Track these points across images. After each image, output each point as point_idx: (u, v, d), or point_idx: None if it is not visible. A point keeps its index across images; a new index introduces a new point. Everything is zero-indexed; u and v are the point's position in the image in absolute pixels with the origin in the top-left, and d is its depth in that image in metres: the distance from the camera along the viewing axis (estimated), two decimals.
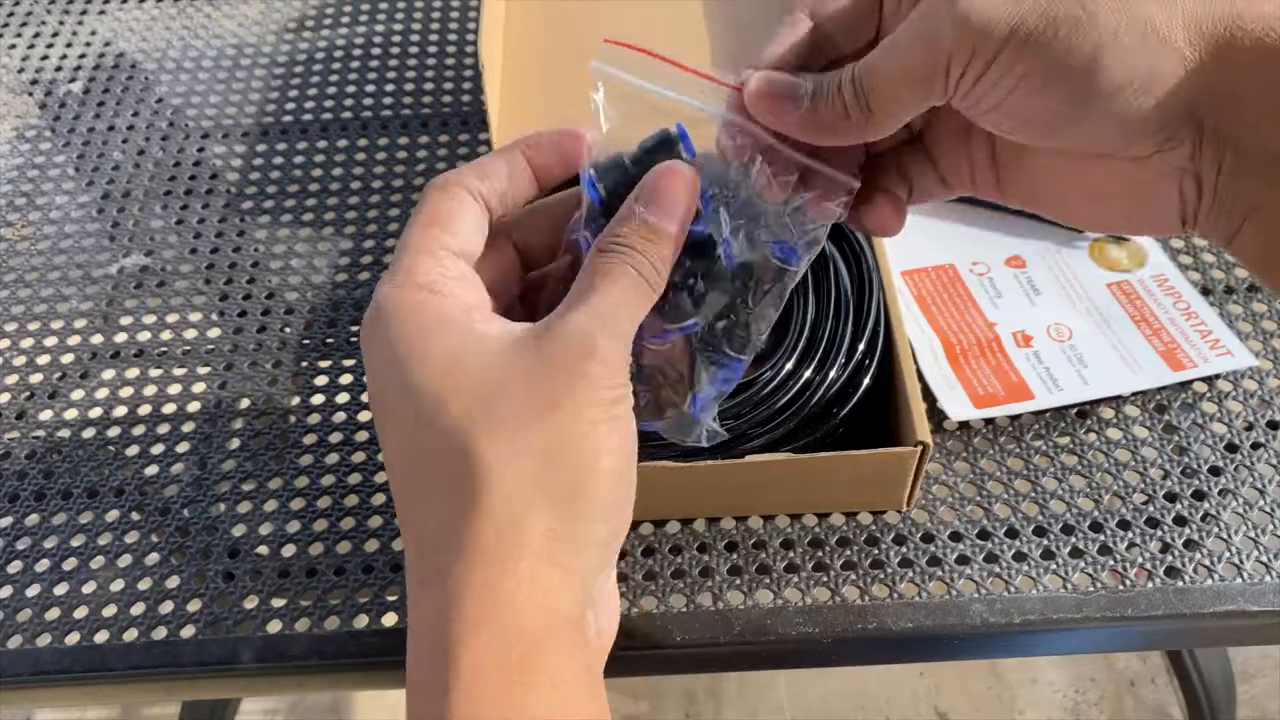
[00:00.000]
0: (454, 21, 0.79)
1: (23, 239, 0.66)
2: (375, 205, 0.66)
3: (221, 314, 0.61)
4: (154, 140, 0.71)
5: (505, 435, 0.28)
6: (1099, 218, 0.34)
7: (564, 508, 0.28)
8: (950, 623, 0.47)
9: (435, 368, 0.29)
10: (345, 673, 0.48)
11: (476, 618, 0.27)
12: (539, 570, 0.28)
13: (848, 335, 0.50)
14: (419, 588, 0.29)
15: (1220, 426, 0.53)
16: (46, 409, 0.57)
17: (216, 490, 0.53)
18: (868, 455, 0.46)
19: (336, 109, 0.73)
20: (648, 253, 0.31)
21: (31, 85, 0.76)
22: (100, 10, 0.82)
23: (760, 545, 0.50)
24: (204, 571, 0.50)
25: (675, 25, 0.71)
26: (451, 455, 0.28)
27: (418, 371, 0.29)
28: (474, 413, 0.28)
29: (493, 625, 0.27)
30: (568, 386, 0.29)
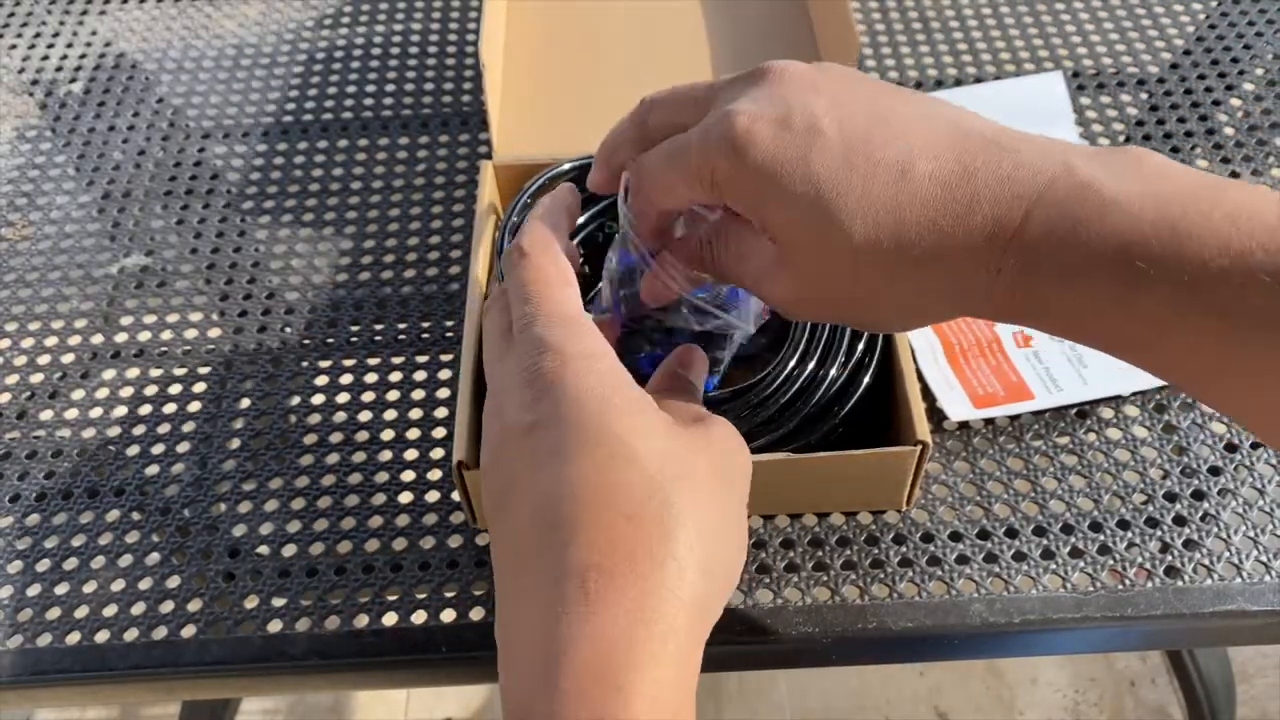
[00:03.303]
0: (454, 21, 0.79)
1: (23, 239, 0.66)
2: (375, 205, 0.66)
3: (221, 314, 0.61)
4: (154, 140, 0.71)
5: (694, 496, 0.31)
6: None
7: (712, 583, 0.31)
8: (950, 622, 0.47)
9: (626, 424, 0.31)
10: (345, 673, 0.48)
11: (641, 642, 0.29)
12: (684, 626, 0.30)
13: (847, 334, 0.50)
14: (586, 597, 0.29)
15: (1220, 426, 0.53)
16: (47, 409, 0.57)
17: (216, 490, 0.53)
18: (868, 455, 0.46)
19: (336, 109, 0.73)
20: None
21: (31, 85, 0.76)
22: (100, 10, 0.82)
23: (760, 545, 0.50)
24: (204, 571, 0.50)
25: (675, 25, 0.71)
26: (648, 493, 0.30)
27: (612, 421, 0.31)
28: (667, 467, 0.31)
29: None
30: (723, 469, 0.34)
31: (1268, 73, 0.72)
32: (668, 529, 0.30)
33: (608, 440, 0.30)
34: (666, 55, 0.69)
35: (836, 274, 0.33)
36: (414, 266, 0.63)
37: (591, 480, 0.30)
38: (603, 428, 0.31)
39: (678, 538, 0.30)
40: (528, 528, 0.30)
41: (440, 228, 0.65)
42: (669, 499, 0.30)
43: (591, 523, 0.29)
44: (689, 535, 0.30)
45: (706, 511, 0.31)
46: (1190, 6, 0.77)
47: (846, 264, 0.32)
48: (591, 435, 0.31)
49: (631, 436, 0.31)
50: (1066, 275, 0.30)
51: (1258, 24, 0.75)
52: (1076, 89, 0.71)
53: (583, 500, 0.30)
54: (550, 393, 0.31)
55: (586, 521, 0.29)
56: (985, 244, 0.30)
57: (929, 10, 0.78)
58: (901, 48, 0.75)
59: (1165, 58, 0.74)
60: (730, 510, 0.33)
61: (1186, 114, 0.69)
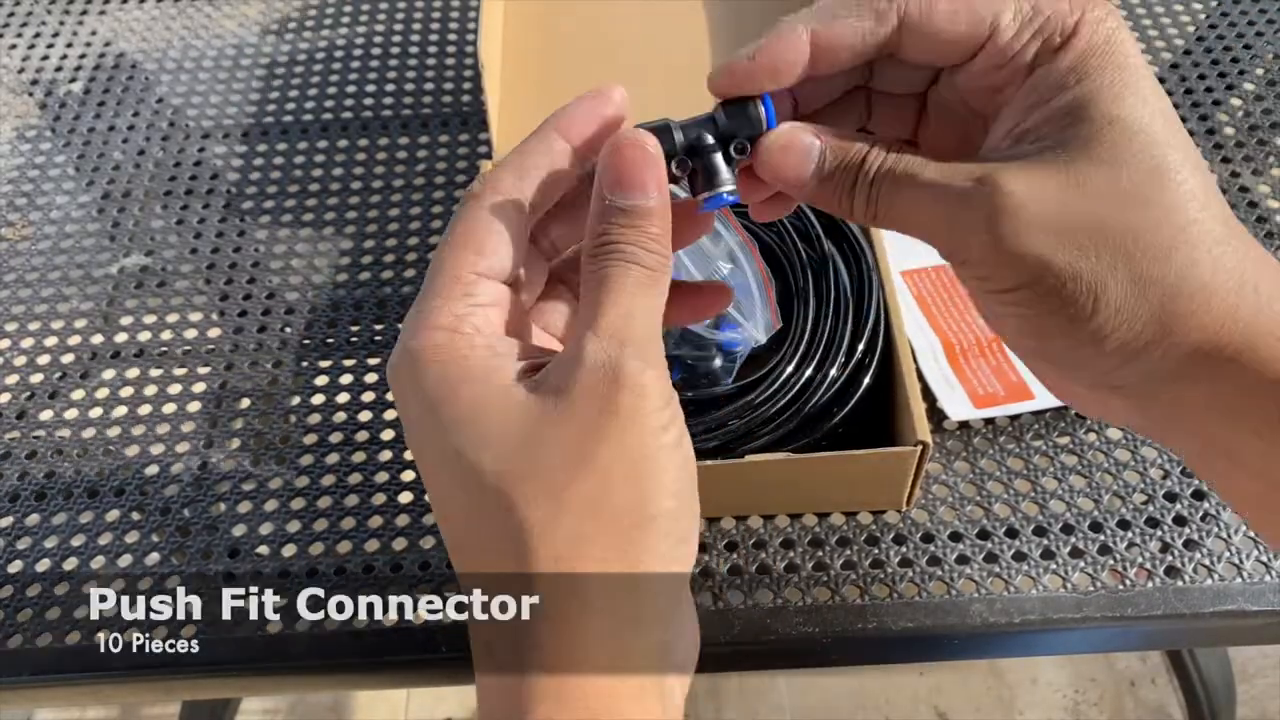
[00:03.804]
0: (454, 21, 0.79)
1: (23, 239, 0.66)
2: (375, 205, 0.66)
3: (221, 314, 0.61)
4: (154, 140, 0.71)
5: (546, 493, 0.26)
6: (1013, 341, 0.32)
7: (620, 556, 0.26)
8: (950, 623, 0.47)
9: (464, 422, 0.27)
10: (345, 673, 0.48)
11: (545, 686, 0.26)
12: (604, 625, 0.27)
13: (848, 335, 0.50)
14: (483, 652, 0.28)
15: None
16: (47, 409, 0.57)
17: (216, 490, 0.53)
18: (868, 455, 0.46)
19: (336, 109, 0.73)
20: (639, 240, 0.28)
21: (31, 85, 0.76)
22: (100, 10, 0.82)
23: (760, 545, 0.50)
24: (204, 571, 0.50)
25: (676, 25, 0.71)
26: (499, 512, 0.26)
27: (450, 428, 0.27)
28: (509, 472, 0.26)
29: (565, 694, 0.26)
30: (598, 428, 0.26)
31: (1268, 72, 0.72)
32: (525, 551, 0.26)
33: (450, 450, 0.27)
34: (667, 55, 0.69)
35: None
36: (414, 266, 0.63)
37: (451, 503, 0.28)
38: (443, 438, 0.27)
39: (539, 553, 0.26)
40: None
41: (440, 228, 0.65)
42: (514, 509, 0.26)
43: (464, 570, 0.28)
44: (555, 545, 0.26)
45: (569, 500, 0.26)
46: (1190, 6, 0.77)
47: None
48: (435, 446, 0.27)
49: (469, 437, 0.27)
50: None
51: (1258, 24, 0.75)
52: None
53: (453, 538, 0.28)
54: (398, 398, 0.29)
55: (462, 568, 0.28)
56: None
57: None
58: None
59: (1165, 57, 0.74)
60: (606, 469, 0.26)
61: (1187, 114, 0.69)
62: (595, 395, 0.26)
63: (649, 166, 0.29)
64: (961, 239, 0.27)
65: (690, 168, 0.31)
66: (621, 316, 0.27)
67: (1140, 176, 0.26)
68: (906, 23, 0.29)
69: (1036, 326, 0.28)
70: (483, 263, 0.29)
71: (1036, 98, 0.28)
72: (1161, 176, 0.26)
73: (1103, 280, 0.26)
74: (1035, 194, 0.26)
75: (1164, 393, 0.28)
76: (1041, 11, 0.28)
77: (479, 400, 0.27)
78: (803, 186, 0.30)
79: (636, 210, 0.28)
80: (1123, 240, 0.26)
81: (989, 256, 0.27)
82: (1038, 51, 0.28)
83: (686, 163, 0.31)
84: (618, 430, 0.26)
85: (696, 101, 0.39)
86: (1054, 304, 0.27)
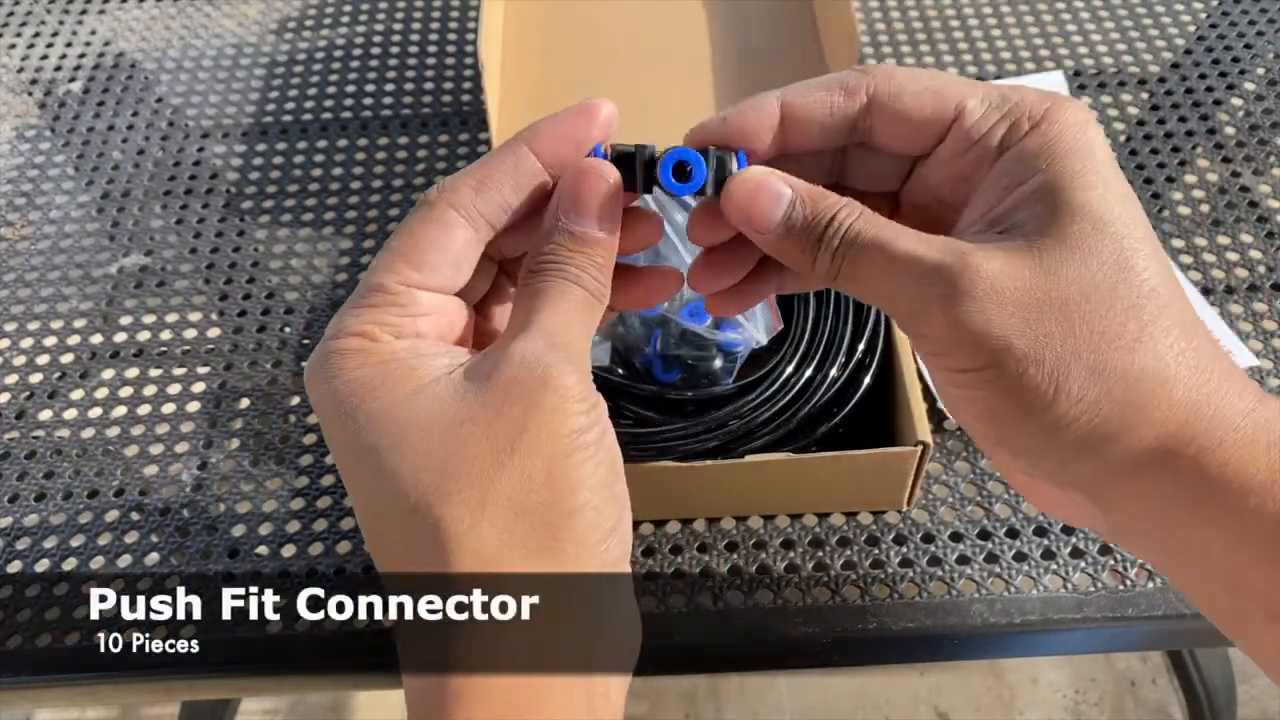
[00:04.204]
0: (454, 21, 0.79)
1: (23, 239, 0.66)
2: (375, 205, 0.66)
3: (221, 314, 0.61)
4: (154, 140, 0.71)
5: (466, 492, 0.26)
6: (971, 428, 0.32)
7: (544, 556, 0.26)
8: (950, 623, 0.47)
9: (379, 422, 0.27)
10: (345, 673, 0.48)
11: (465, 686, 0.26)
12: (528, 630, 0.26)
13: (848, 335, 0.50)
14: (405, 651, 0.28)
15: None
16: (46, 409, 0.57)
17: (216, 490, 0.53)
18: (868, 455, 0.46)
19: (336, 109, 0.73)
20: (583, 264, 0.28)
21: (31, 85, 0.76)
22: (100, 10, 0.82)
23: (760, 545, 0.50)
24: (204, 571, 0.50)
25: (676, 24, 0.71)
26: (416, 516, 0.26)
27: (365, 429, 0.27)
28: (428, 472, 0.26)
29: (485, 694, 0.25)
30: (520, 424, 0.26)
31: (1269, 72, 0.72)
32: (447, 553, 0.26)
33: (366, 454, 0.27)
34: (667, 55, 0.69)
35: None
36: None
37: (370, 508, 0.27)
38: (359, 441, 0.27)
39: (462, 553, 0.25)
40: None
41: None
42: (432, 512, 0.26)
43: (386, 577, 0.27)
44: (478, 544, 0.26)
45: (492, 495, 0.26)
46: (1191, 5, 0.77)
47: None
48: (351, 451, 0.27)
49: (386, 439, 0.26)
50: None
51: (1259, 23, 0.75)
52: (1077, 89, 0.71)
53: (375, 545, 0.28)
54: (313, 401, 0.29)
55: (384, 574, 0.28)
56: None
57: (929, 10, 0.78)
58: (902, 47, 0.75)
59: (1166, 57, 0.74)
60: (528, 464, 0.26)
61: (1187, 113, 0.69)
62: (520, 390, 0.26)
63: (606, 199, 0.29)
64: (924, 313, 0.27)
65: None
66: (558, 324, 0.28)
67: (1108, 269, 0.26)
68: (875, 102, 0.29)
69: (994, 411, 0.27)
70: (416, 276, 0.29)
71: (1008, 180, 0.28)
72: (1128, 271, 0.26)
73: (1065, 368, 0.26)
74: (1004, 276, 0.26)
75: (1126, 489, 0.27)
76: (1009, 99, 0.28)
77: (396, 401, 0.27)
78: (767, 233, 0.29)
79: (586, 237, 0.29)
80: (1089, 329, 0.26)
81: (951, 334, 0.26)
82: (1005, 134, 0.28)
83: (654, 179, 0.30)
84: (536, 427, 0.26)
85: (696, 101, 0.39)
86: (1013, 388, 0.26)
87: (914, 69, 0.30)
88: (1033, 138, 0.28)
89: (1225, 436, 0.26)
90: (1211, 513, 0.26)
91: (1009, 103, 0.28)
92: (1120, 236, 0.26)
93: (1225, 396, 0.26)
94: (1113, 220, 0.26)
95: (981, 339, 0.26)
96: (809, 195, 0.29)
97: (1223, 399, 0.26)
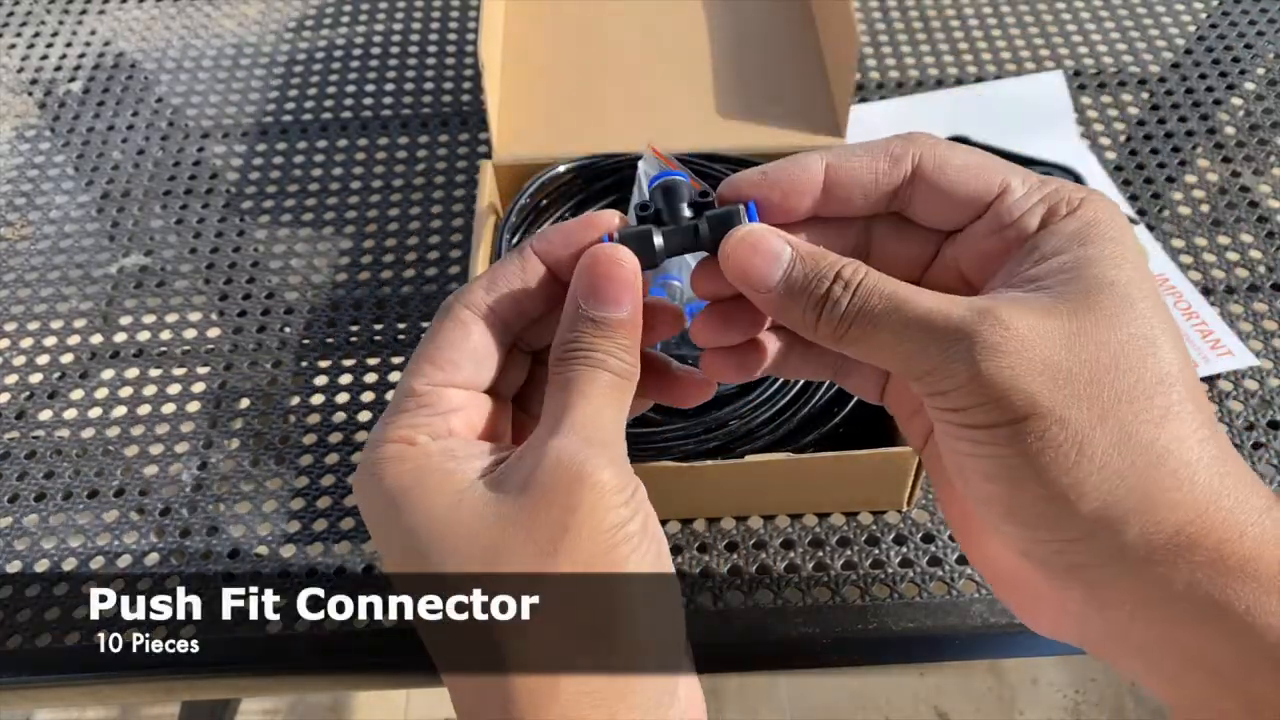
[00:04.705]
0: (454, 21, 0.79)
1: (22, 239, 0.66)
2: (375, 205, 0.66)
3: (221, 314, 0.61)
4: (154, 140, 0.71)
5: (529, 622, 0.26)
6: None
7: (598, 657, 0.26)
8: (951, 623, 0.47)
9: (422, 529, 0.27)
10: (345, 673, 0.48)
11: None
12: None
13: None
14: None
15: (1221, 426, 0.53)
16: (46, 409, 0.57)
17: (216, 490, 0.53)
18: (868, 455, 0.46)
19: (336, 109, 0.73)
20: (608, 348, 0.29)
21: (31, 85, 0.76)
22: (100, 10, 0.82)
23: (760, 545, 0.50)
24: (204, 571, 0.50)
25: (676, 25, 0.71)
26: (470, 623, 0.27)
27: (411, 533, 0.27)
28: (474, 580, 0.27)
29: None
30: (561, 526, 0.26)
31: (1269, 71, 0.72)
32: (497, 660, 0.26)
33: (412, 559, 0.27)
34: (667, 55, 0.69)
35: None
36: (414, 266, 0.63)
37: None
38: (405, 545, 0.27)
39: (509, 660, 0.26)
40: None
41: (440, 227, 0.65)
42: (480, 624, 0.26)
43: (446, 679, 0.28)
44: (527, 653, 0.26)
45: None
46: (1191, 5, 0.77)
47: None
48: (398, 553, 0.28)
49: (431, 546, 0.27)
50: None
51: (1259, 23, 0.75)
52: (1077, 88, 0.71)
53: (434, 651, 0.28)
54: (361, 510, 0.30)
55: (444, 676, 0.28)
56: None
57: (929, 10, 0.78)
58: (902, 47, 0.75)
59: (1166, 57, 0.74)
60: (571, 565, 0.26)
61: (1188, 113, 0.69)
62: (557, 491, 0.26)
63: (624, 282, 0.29)
64: (945, 369, 0.26)
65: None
66: (588, 415, 0.28)
67: (1137, 343, 0.25)
68: (919, 173, 0.29)
69: (1009, 471, 0.26)
70: (441, 375, 0.29)
71: (1038, 255, 0.27)
72: (1155, 351, 0.25)
73: (1091, 431, 0.25)
74: (1034, 333, 0.25)
75: (1133, 580, 0.25)
76: (1049, 184, 0.28)
77: (438, 510, 0.27)
78: (766, 293, 0.29)
79: (608, 321, 0.29)
80: (1117, 397, 0.25)
81: (974, 388, 0.26)
82: (1043, 217, 0.28)
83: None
84: (576, 527, 0.26)
85: (696, 101, 0.39)
86: (1034, 447, 0.25)
87: (952, 143, 0.30)
88: (1069, 221, 0.27)
89: (1245, 530, 0.25)
90: (1229, 614, 0.24)
91: (1049, 187, 0.28)
92: (1148, 317, 0.26)
93: (1244, 489, 0.25)
94: (1140, 300, 0.26)
95: (1007, 394, 0.25)
96: (809, 254, 0.28)
97: (1241, 492, 0.25)
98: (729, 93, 0.65)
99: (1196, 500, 0.25)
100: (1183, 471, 0.25)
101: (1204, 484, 0.25)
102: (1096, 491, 0.25)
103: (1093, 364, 0.25)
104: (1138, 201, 0.64)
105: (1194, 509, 0.25)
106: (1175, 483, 0.25)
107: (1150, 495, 0.25)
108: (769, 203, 0.30)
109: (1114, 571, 0.26)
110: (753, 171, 0.30)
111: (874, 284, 0.27)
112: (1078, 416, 0.25)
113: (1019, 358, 0.25)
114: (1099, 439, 0.25)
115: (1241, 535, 0.24)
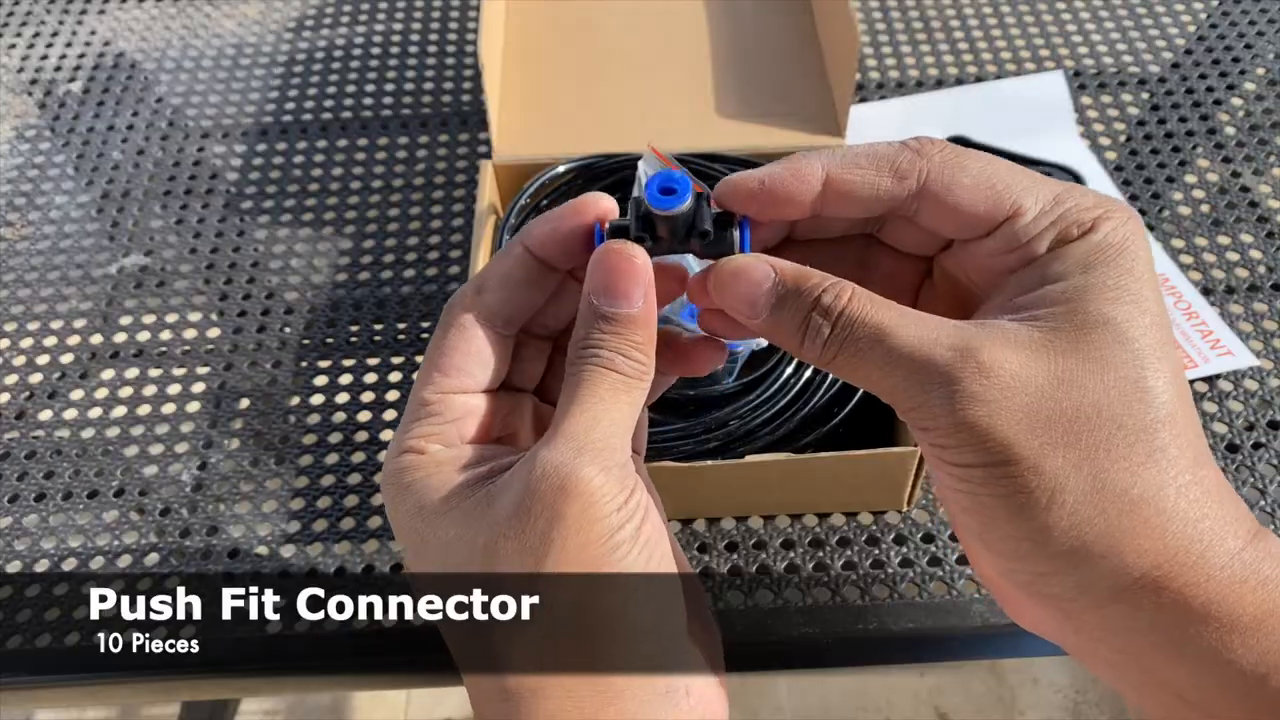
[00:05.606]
0: (454, 21, 0.79)
1: (22, 239, 0.66)
2: (375, 205, 0.66)
3: (221, 314, 0.61)
4: (154, 140, 0.71)
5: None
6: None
7: (590, 658, 0.27)
8: (951, 623, 0.47)
9: (431, 537, 0.28)
10: (345, 673, 0.48)
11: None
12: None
13: None
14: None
15: (1221, 426, 0.53)
16: (46, 409, 0.57)
17: (216, 490, 0.53)
18: (868, 455, 0.46)
19: (336, 109, 0.73)
20: (619, 347, 0.28)
21: (31, 85, 0.76)
22: (100, 10, 0.82)
23: (760, 545, 0.50)
24: (204, 571, 0.50)
25: (676, 25, 0.71)
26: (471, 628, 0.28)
27: (425, 546, 0.28)
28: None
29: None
30: (545, 539, 0.26)
31: (1269, 72, 0.72)
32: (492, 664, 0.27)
33: (429, 560, 0.28)
34: (667, 55, 0.69)
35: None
36: (414, 266, 0.63)
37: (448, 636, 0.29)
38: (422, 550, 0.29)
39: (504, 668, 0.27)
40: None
41: (440, 227, 0.65)
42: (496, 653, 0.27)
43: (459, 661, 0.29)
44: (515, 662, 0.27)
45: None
46: (1191, 5, 0.77)
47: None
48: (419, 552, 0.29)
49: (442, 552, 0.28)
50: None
51: (1259, 23, 0.75)
52: (1077, 88, 0.71)
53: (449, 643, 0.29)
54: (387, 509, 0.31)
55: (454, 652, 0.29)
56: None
57: (929, 10, 0.78)
58: (902, 47, 0.75)
59: (1166, 57, 0.74)
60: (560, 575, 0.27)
61: (1188, 113, 0.69)
62: (541, 504, 0.26)
63: (635, 276, 0.29)
64: (927, 409, 0.26)
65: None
66: (585, 422, 0.28)
67: (1125, 386, 0.25)
68: (926, 190, 0.28)
69: (984, 507, 0.26)
70: (448, 382, 0.30)
71: (1041, 278, 0.27)
72: (1144, 394, 0.25)
73: (1065, 479, 0.25)
74: (1016, 381, 0.25)
75: (1100, 613, 0.26)
76: (1063, 203, 0.28)
77: (441, 515, 0.28)
78: (753, 317, 0.29)
79: (620, 317, 0.29)
80: (1094, 445, 0.25)
81: (954, 431, 0.26)
82: (1052, 242, 0.27)
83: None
84: (562, 539, 0.26)
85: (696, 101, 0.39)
86: (1008, 490, 0.25)
87: (968, 150, 0.29)
88: (1078, 245, 0.27)
89: (1212, 574, 0.25)
90: (1189, 649, 0.25)
91: (1062, 207, 0.28)
92: (1141, 355, 0.26)
93: (1217, 535, 0.25)
94: (1135, 338, 0.26)
95: (984, 441, 0.25)
96: (793, 279, 0.28)
97: (1214, 538, 0.25)
98: (729, 93, 0.65)
99: (1166, 546, 0.25)
100: (1155, 520, 0.25)
101: (1175, 531, 0.25)
102: (1065, 536, 0.25)
103: (1074, 411, 0.25)
104: (1138, 201, 0.64)
105: (1163, 554, 0.25)
106: (1146, 530, 0.25)
107: (1119, 541, 0.25)
108: (765, 213, 0.30)
109: (1083, 604, 0.26)
110: (750, 178, 0.30)
111: (857, 312, 0.27)
112: (1053, 465, 0.25)
113: (998, 405, 0.25)
114: (1072, 486, 0.25)
115: (1209, 579, 0.25)
